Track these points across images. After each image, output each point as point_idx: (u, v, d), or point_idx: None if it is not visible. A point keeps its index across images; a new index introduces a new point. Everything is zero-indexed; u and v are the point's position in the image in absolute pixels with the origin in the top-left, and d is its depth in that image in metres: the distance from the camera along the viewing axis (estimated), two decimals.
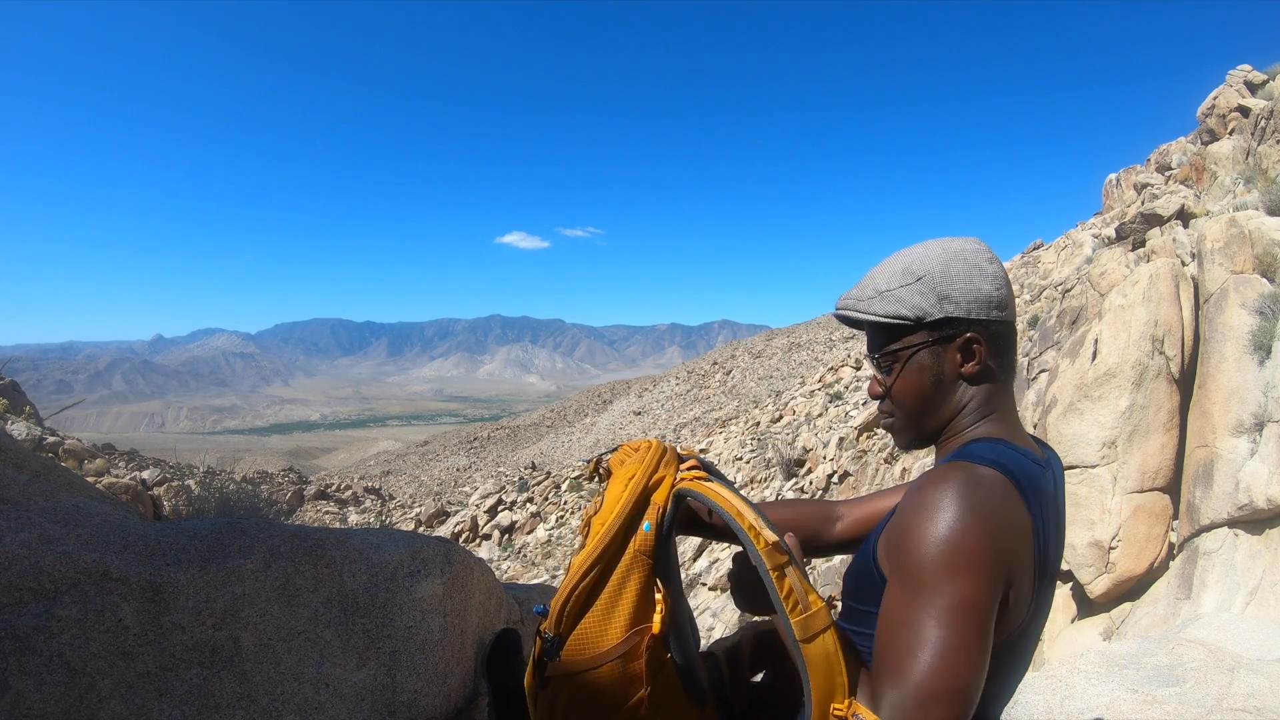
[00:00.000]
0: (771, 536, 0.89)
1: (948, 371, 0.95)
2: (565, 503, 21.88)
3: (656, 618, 1.00)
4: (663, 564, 1.01)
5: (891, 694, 0.75)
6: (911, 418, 0.99)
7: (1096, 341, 5.43)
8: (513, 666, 1.73)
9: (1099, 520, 4.91)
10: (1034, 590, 0.84)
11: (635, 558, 1.00)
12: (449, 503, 27.02)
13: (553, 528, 20.10)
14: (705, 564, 9.92)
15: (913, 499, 0.83)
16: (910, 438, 1.01)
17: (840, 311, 1.01)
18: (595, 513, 1.10)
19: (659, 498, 1.04)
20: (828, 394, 16.30)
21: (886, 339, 0.97)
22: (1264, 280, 4.72)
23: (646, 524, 1.01)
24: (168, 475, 11.66)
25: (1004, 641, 0.83)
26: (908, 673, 0.75)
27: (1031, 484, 0.85)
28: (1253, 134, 7.71)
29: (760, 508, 0.98)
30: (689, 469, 1.08)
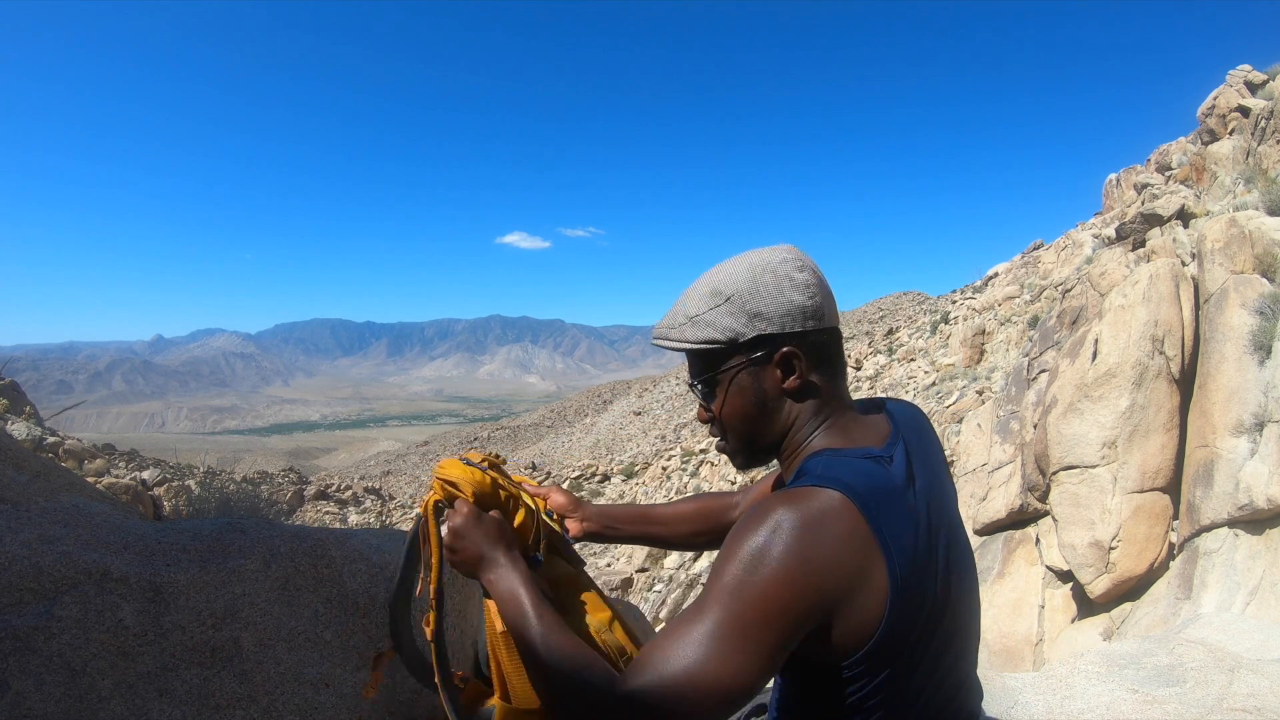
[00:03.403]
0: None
1: (770, 390, 0.93)
2: None
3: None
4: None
5: (641, 669, 0.78)
6: (742, 440, 0.98)
7: (1097, 341, 5.43)
8: None
9: (1099, 520, 4.91)
10: (897, 590, 0.78)
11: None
12: None
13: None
14: (705, 564, 9.93)
15: (741, 525, 0.81)
16: (744, 459, 1.00)
17: (655, 341, 0.99)
18: None
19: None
20: None
21: (704, 365, 0.96)
22: (1264, 280, 4.72)
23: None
24: (168, 475, 11.66)
25: (877, 645, 0.79)
26: (665, 651, 0.77)
27: (874, 490, 0.81)
28: (1253, 134, 7.71)
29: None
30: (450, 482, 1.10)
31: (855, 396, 1.04)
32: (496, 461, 1.20)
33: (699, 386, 0.99)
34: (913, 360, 18.76)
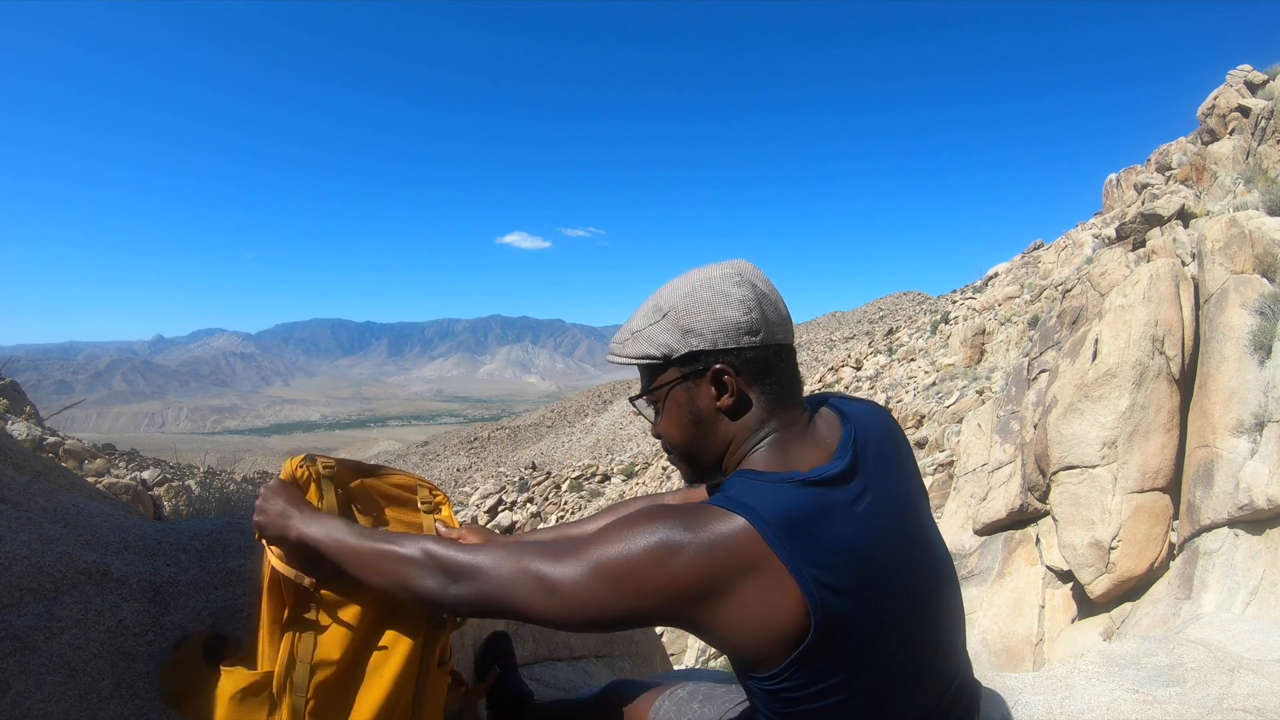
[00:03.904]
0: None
1: (704, 406, 0.93)
2: (566, 503, 21.87)
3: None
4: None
5: (487, 549, 0.90)
6: (683, 455, 0.99)
7: (1097, 341, 5.43)
8: (505, 668, 1.73)
9: (1099, 520, 4.91)
10: (818, 610, 0.79)
11: None
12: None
13: (553, 528, 20.09)
14: None
15: (636, 515, 0.85)
16: (689, 473, 1.01)
17: (607, 357, 1.00)
18: None
19: None
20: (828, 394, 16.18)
21: (647, 379, 0.97)
22: (1264, 280, 4.72)
23: None
24: (168, 475, 11.65)
25: (803, 658, 0.80)
26: (518, 546, 0.88)
27: (786, 517, 0.81)
28: (1253, 134, 7.71)
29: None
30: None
31: (846, 395, 1.03)
32: (347, 471, 1.25)
33: (639, 401, 1.00)
34: (913, 360, 18.76)
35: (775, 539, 0.79)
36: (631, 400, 1.03)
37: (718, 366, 0.91)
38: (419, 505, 1.28)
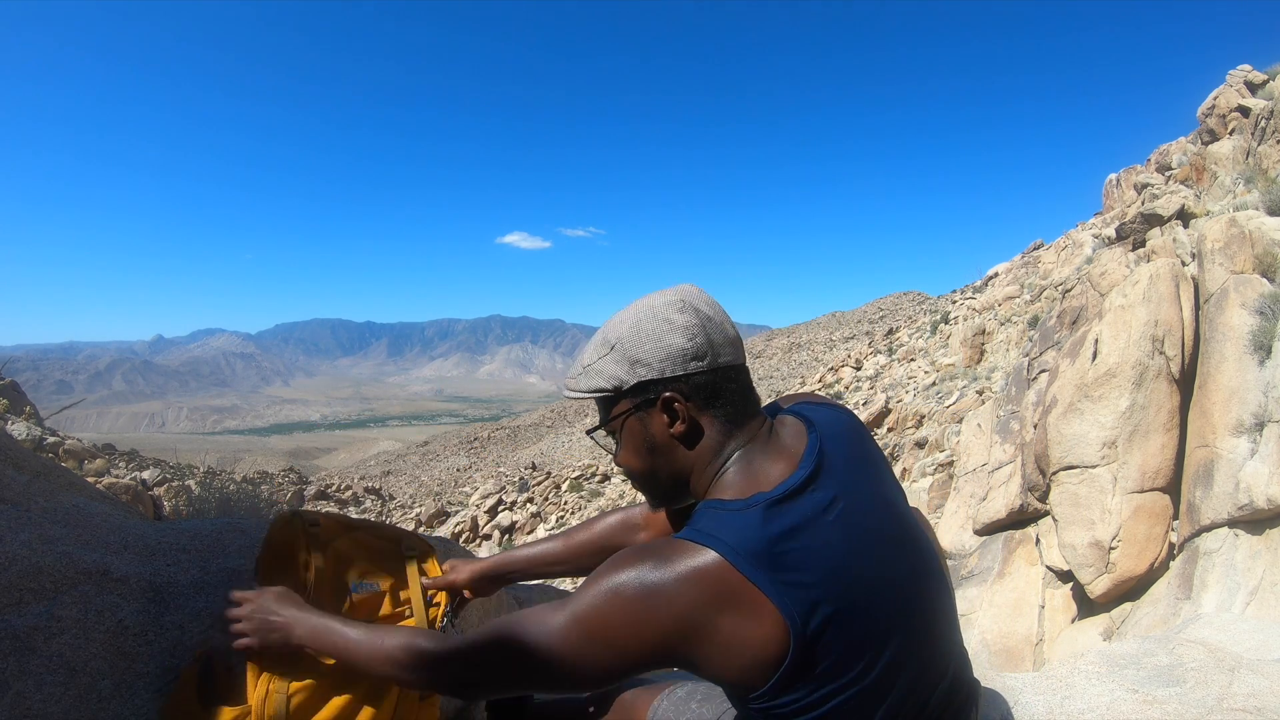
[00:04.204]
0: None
1: (658, 435, 0.94)
2: (566, 503, 21.87)
3: None
4: None
5: (484, 628, 0.90)
6: (645, 484, 1.00)
7: (1097, 341, 5.43)
8: None
9: (1099, 520, 4.91)
10: (798, 627, 0.79)
11: None
12: (449, 503, 27.03)
13: (553, 528, 20.10)
14: None
15: (617, 559, 0.86)
16: (654, 501, 1.03)
17: (564, 393, 1.02)
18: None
19: None
20: (827, 394, 16.29)
21: (603, 412, 0.99)
22: (1264, 280, 4.72)
23: None
24: (168, 475, 11.66)
25: (788, 677, 0.81)
26: (510, 619, 0.89)
27: (755, 545, 0.81)
28: (1253, 134, 7.71)
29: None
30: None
31: (809, 400, 1.03)
32: (329, 524, 1.32)
33: (596, 434, 1.01)
34: (913, 360, 18.76)
35: (749, 568, 0.80)
36: (589, 433, 1.03)
37: (667, 395, 0.92)
38: (403, 554, 1.34)
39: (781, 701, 0.83)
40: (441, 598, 1.33)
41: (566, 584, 15.79)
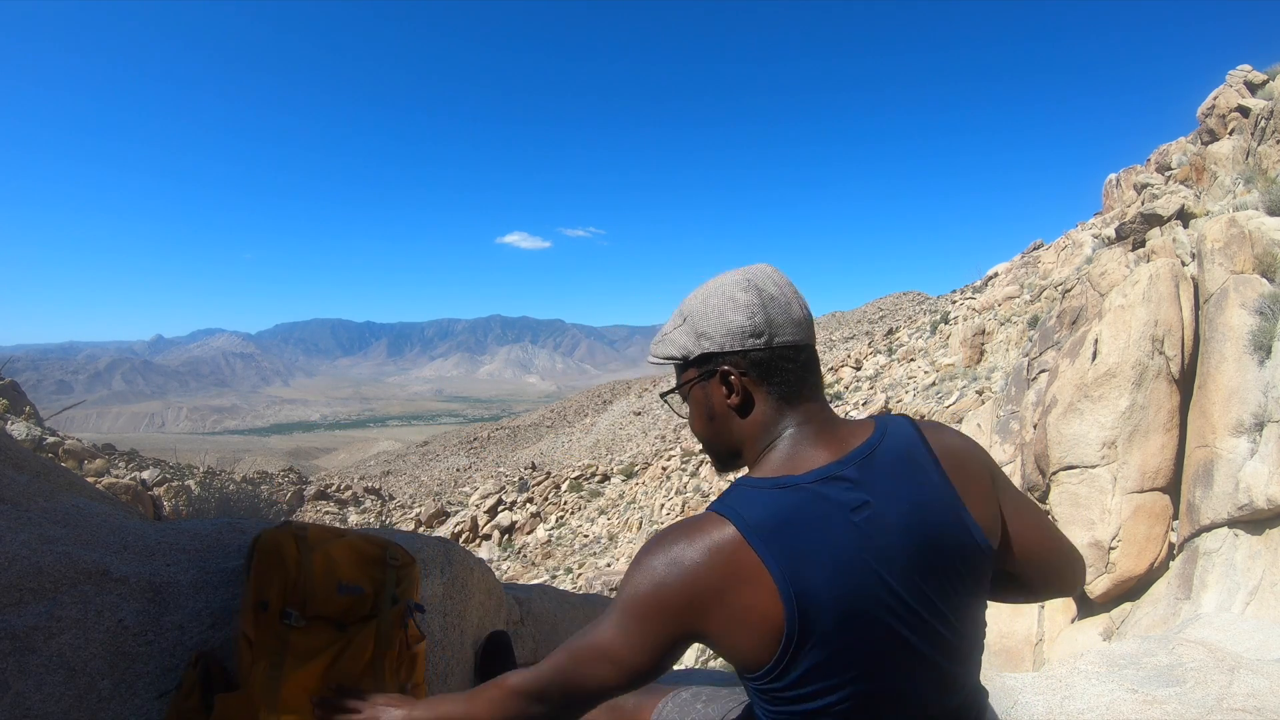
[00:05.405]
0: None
1: (717, 405, 1.00)
2: (565, 503, 21.87)
3: None
4: None
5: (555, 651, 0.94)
6: (707, 448, 1.07)
7: (1096, 341, 5.43)
8: (505, 668, 1.73)
9: (1099, 520, 4.91)
10: (793, 613, 0.82)
11: None
12: (449, 503, 27.03)
13: (553, 528, 20.09)
14: None
15: (645, 544, 0.92)
16: (716, 465, 1.09)
17: (648, 359, 1.09)
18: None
19: None
20: (828, 394, 16.16)
21: (677, 378, 1.07)
22: (1264, 280, 4.72)
23: None
24: (168, 475, 11.66)
25: (788, 662, 0.84)
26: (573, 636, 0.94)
27: (769, 520, 0.85)
28: (1253, 134, 7.71)
29: None
30: None
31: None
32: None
33: (670, 397, 1.10)
34: (913, 360, 18.76)
35: (759, 544, 0.84)
36: (662, 396, 1.13)
37: (725, 368, 0.98)
38: (388, 562, 1.41)
39: (779, 685, 0.85)
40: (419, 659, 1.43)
41: (566, 584, 15.74)
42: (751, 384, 0.98)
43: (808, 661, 0.84)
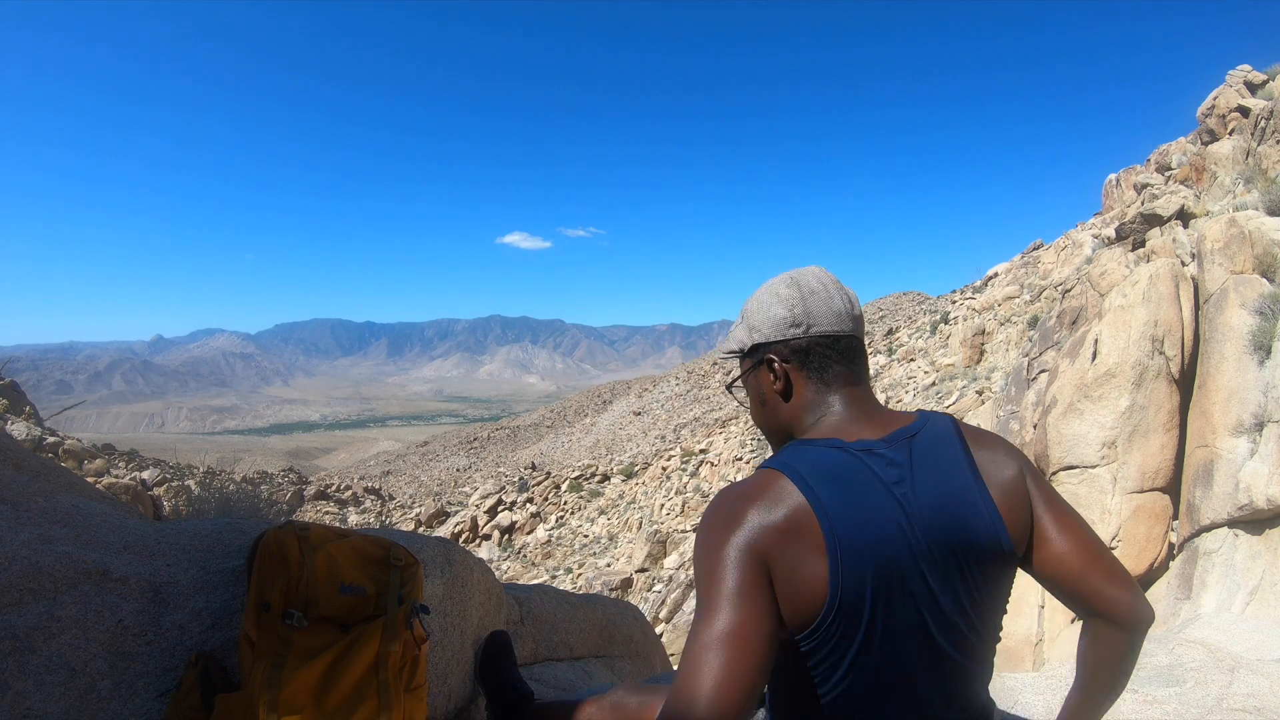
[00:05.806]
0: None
1: (766, 391, 1.09)
2: (565, 503, 21.86)
3: None
4: None
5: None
6: (764, 432, 1.15)
7: (1096, 341, 5.43)
8: (504, 668, 1.73)
9: (1099, 520, 4.91)
10: (838, 557, 0.85)
11: None
12: (449, 503, 27.02)
13: (553, 528, 20.09)
14: None
15: (714, 497, 0.97)
16: (772, 446, 1.15)
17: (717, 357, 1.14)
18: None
19: None
20: None
21: (739, 370, 1.16)
22: (1264, 280, 4.72)
23: None
24: (168, 475, 11.66)
25: (831, 616, 0.85)
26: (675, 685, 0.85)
27: (817, 468, 0.90)
28: (1253, 134, 7.71)
29: None
30: None
31: (953, 418, 1.07)
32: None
33: (734, 387, 1.17)
34: (913, 360, 18.76)
35: (808, 487, 0.89)
36: (726, 387, 1.21)
37: (769, 356, 1.07)
38: (391, 563, 1.42)
39: (814, 647, 0.87)
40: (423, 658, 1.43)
41: (566, 584, 15.71)
42: (794, 370, 1.05)
43: (839, 630, 0.86)
